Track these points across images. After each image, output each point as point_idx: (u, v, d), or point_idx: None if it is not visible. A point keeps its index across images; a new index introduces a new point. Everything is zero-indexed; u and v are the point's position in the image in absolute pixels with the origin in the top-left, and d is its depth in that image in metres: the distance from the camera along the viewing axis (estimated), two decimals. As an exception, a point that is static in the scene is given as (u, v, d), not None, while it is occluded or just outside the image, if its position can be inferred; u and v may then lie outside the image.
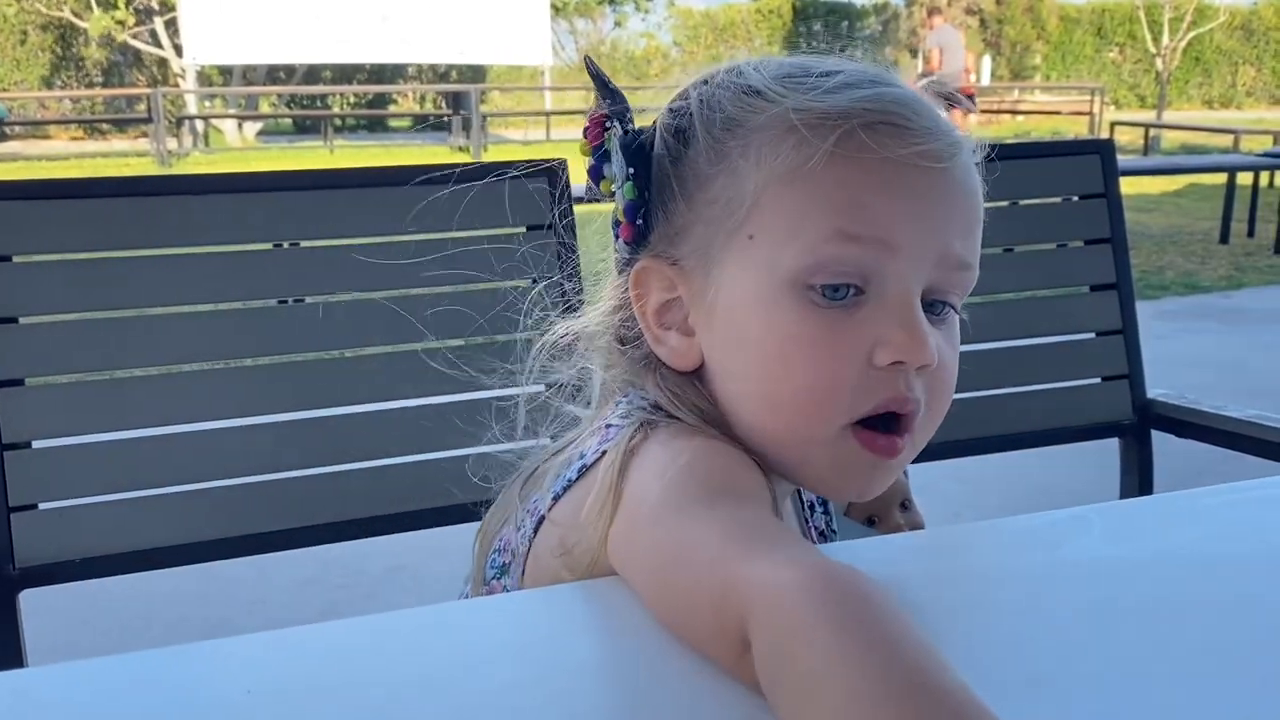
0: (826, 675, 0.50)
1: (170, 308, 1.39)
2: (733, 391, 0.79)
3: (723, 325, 0.78)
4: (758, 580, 0.57)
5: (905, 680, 0.49)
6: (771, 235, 0.75)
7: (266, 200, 1.43)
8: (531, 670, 0.63)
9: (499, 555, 0.86)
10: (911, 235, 0.74)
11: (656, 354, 0.82)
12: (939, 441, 1.74)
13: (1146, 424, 1.85)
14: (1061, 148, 1.97)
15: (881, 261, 0.74)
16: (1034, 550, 0.80)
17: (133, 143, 18.45)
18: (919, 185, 0.75)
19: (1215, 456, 1.76)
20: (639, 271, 0.82)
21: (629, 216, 0.80)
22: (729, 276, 0.77)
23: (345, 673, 0.63)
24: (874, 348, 0.73)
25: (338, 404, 1.44)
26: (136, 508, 1.36)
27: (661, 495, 0.69)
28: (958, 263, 0.77)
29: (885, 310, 0.74)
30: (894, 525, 1.52)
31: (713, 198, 0.78)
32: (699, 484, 0.69)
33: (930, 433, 0.79)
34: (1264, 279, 7.22)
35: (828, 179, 0.73)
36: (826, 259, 0.73)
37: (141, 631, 2.61)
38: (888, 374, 0.74)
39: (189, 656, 0.64)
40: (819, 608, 0.53)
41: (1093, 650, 0.65)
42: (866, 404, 0.74)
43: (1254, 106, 25.43)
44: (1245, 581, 0.74)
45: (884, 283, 0.74)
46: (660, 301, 0.81)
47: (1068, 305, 1.91)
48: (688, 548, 0.64)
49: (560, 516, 0.78)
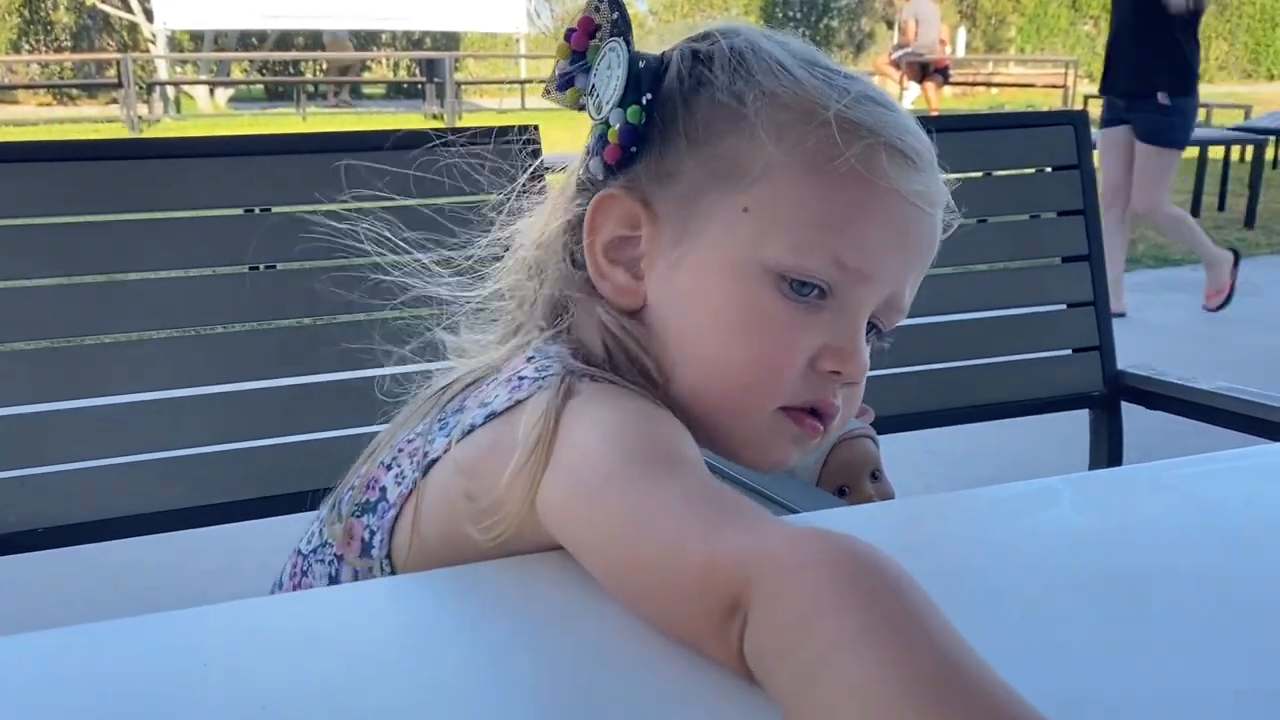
0: (844, 663, 0.48)
1: (139, 274, 1.38)
2: (677, 348, 0.78)
3: (687, 280, 0.77)
4: (757, 552, 0.55)
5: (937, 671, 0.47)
6: (768, 216, 0.75)
7: (238, 165, 1.42)
8: (496, 644, 0.63)
9: (362, 493, 0.81)
10: (886, 270, 0.77)
11: (598, 287, 0.80)
12: (909, 412, 1.77)
13: (1116, 396, 1.87)
14: (1034, 119, 1.97)
15: (854, 285, 0.76)
16: (1004, 520, 0.80)
17: (103, 109, 18.21)
18: (909, 224, 0.77)
19: (1184, 429, 1.77)
20: (605, 198, 0.79)
21: (624, 141, 0.77)
22: (709, 237, 0.76)
23: (303, 645, 0.62)
24: (819, 352, 0.76)
25: (310, 372, 1.43)
26: (103, 476, 1.35)
27: (611, 458, 0.67)
28: (899, 305, 0.81)
29: (840, 323, 0.77)
30: (864, 495, 1.52)
31: (720, 153, 0.76)
32: (648, 446, 0.67)
33: (835, 435, 0.84)
34: (1234, 252, 7.25)
35: (842, 191, 0.74)
36: (810, 269, 0.75)
37: (110, 603, 2.60)
38: (823, 378, 0.77)
39: (145, 628, 0.64)
40: (839, 585, 0.51)
41: (1063, 620, 0.65)
42: (799, 397, 0.77)
43: (1226, 81, 25.51)
44: (1215, 551, 0.75)
45: (846, 301, 0.77)
46: (614, 235, 0.80)
47: (1039, 276, 1.92)
48: (653, 516, 0.62)
49: (465, 462, 0.75)
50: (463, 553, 0.71)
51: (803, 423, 0.78)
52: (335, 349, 1.45)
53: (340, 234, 1.41)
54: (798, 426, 0.78)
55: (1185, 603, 0.67)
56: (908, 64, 14.44)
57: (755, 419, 0.78)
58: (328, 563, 0.82)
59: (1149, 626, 0.64)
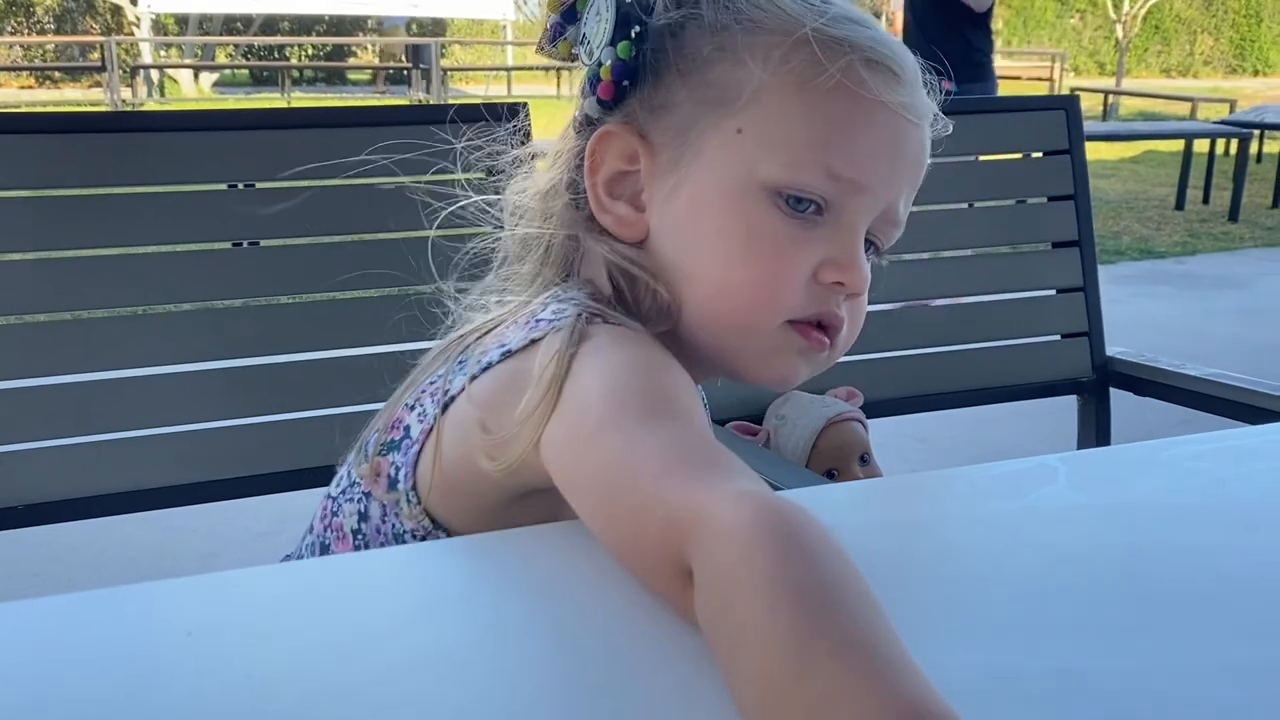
0: (759, 625, 0.49)
1: (121, 249, 1.36)
2: (682, 274, 0.80)
3: (687, 206, 0.79)
4: (702, 511, 0.56)
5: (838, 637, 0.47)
6: (761, 136, 0.77)
7: (222, 140, 1.40)
8: (484, 617, 0.62)
9: (386, 433, 0.85)
10: (879, 180, 0.79)
11: (601, 222, 0.83)
12: (898, 396, 1.77)
13: (1105, 382, 1.86)
14: (1027, 103, 1.96)
15: (848, 197, 0.78)
16: (1000, 498, 0.79)
17: (86, 92, 18.12)
18: (897, 134, 0.79)
19: (1168, 420, 1.77)
20: (602, 134, 0.81)
21: (617, 76, 0.79)
22: (705, 161, 0.78)
23: (288, 616, 0.61)
24: (820, 265, 0.78)
25: (294, 350, 1.42)
26: (84, 453, 1.34)
27: (607, 407, 0.69)
28: (895, 218, 0.82)
29: (838, 236, 0.78)
30: (853, 478, 1.52)
31: (710, 81, 0.78)
32: (645, 398, 0.69)
33: (840, 354, 0.84)
34: (1218, 245, 7.29)
35: (830, 105, 0.77)
36: (805, 184, 0.77)
37: (91, 582, 2.58)
38: (825, 291, 0.79)
39: (128, 598, 0.63)
40: (762, 552, 0.52)
41: (1059, 596, 0.64)
42: (805, 309, 0.79)
43: (1211, 75, 25.61)
44: (1211, 529, 0.74)
45: (842, 213, 0.78)
46: (615, 171, 0.82)
47: (1029, 262, 1.91)
48: (633, 467, 0.63)
49: (480, 396, 0.78)
50: (478, 484, 0.76)
51: (809, 335, 0.80)
52: (320, 327, 1.43)
53: (328, 211, 1.40)
54: (804, 340, 0.80)
55: (1182, 579, 0.67)
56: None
57: (763, 335, 0.79)
58: (356, 500, 0.85)
59: (1145, 602, 0.64)
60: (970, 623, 0.61)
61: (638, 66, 0.79)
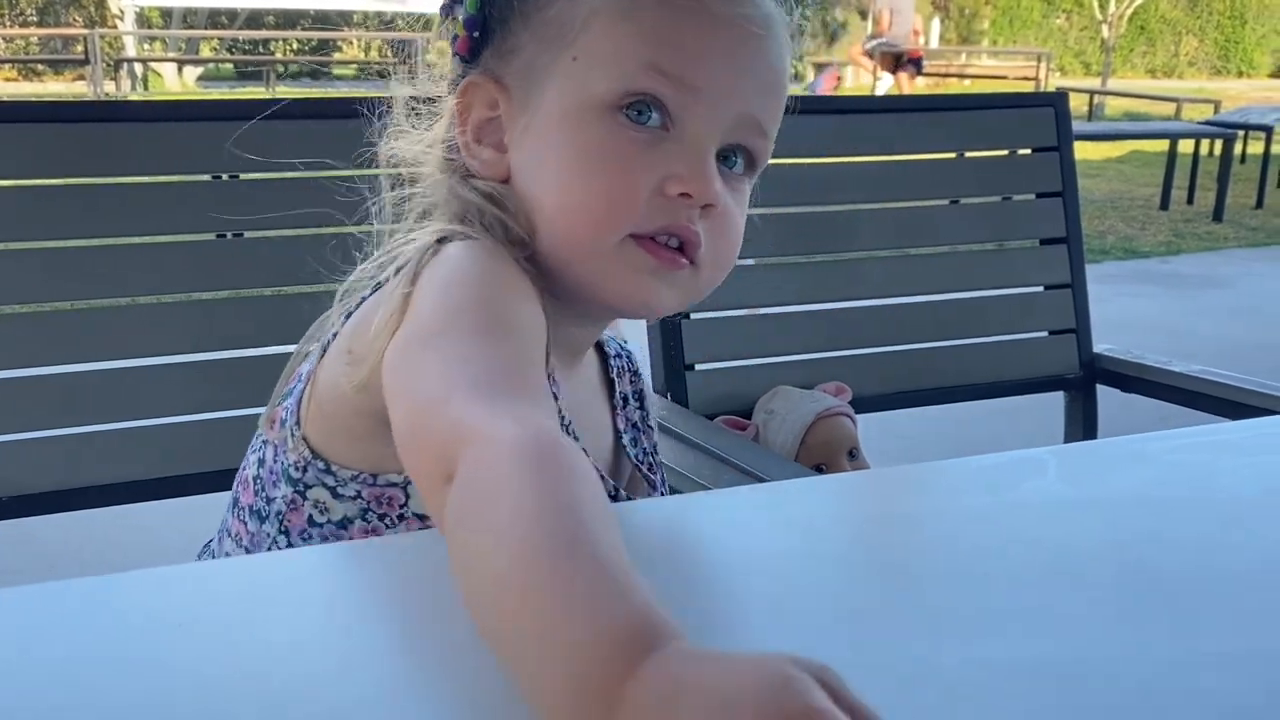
0: (501, 531, 0.51)
1: (103, 240, 1.35)
2: (533, 203, 0.83)
3: (534, 139, 0.83)
4: (484, 426, 0.59)
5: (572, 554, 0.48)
6: (593, 59, 0.80)
7: (206, 130, 1.39)
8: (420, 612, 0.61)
9: (284, 385, 0.90)
10: (717, 84, 0.80)
11: (469, 165, 0.86)
12: (885, 392, 1.76)
13: (1092, 378, 1.87)
14: (1015, 100, 1.97)
15: (686, 102, 0.80)
16: (990, 490, 0.79)
17: (69, 85, 18.02)
18: (733, 42, 0.81)
19: (1150, 420, 1.77)
20: (467, 85, 0.86)
21: (468, 29, 0.85)
22: (548, 95, 0.82)
23: (279, 604, 0.61)
24: (666, 179, 0.79)
25: (279, 341, 1.41)
26: (70, 444, 1.33)
27: (439, 320, 0.72)
28: (756, 127, 0.83)
29: (682, 149, 0.80)
30: (841, 472, 1.52)
31: (548, 19, 0.82)
32: (477, 312, 0.72)
33: (714, 278, 0.85)
34: (1202, 245, 7.32)
35: (653, 16, 0.80)
36: (636, 88, 0.79)
37: (75, 575, 2.56)
38: (675, 203, 0.80)
39: (119, 586, 0.62)
40: (521, 464, 0.54)
41: (1049, 587, 0.64)
42: (651, 223, 0.80)
43: (1195, 76, 25.69)
44: (1200, 522, 0.74)
45: (686, 125, 0.80)
46: (481, 118, 0.86)
47: (1016, 258, 1.92)
48: (444, 384, 0.66)
49: (348, 326, 0.83)
50: (346, 411, 0.80)
51: (659, 254, 0.80)
52: (303, 319, 1.42)
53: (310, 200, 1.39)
54: (653, 258, 0.80)
55: (1169, 571, 0.67)
56: (881, 54, 14.47)
57: (607, 253, 0.80)
58: (257, 450, 0.89)
59: (1133, 594, 0.64)
60: (959, 614, 0.61)
61: (486, 17, 0.84)
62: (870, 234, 1.79)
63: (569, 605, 0.46)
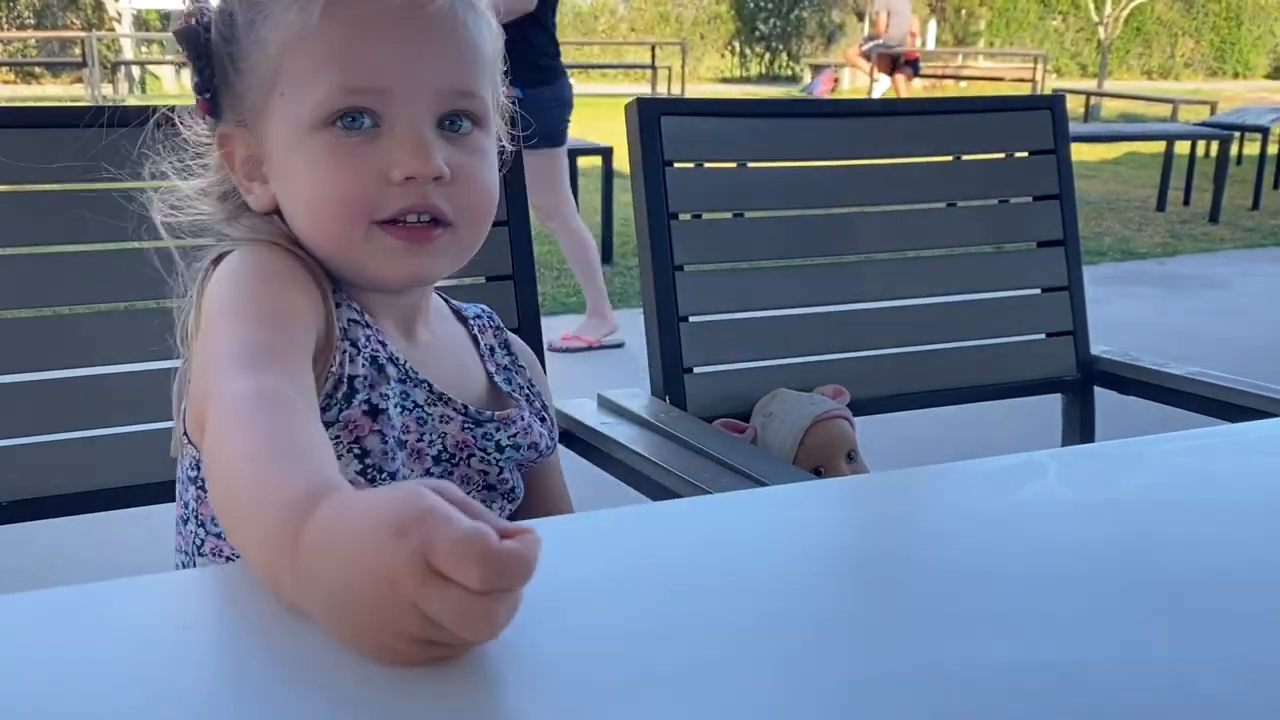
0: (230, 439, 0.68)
1: (93, 245, 1.33)
2: (293, 219, 0.93)
3: (278, 167, 0.93)
4: (219, 391, 0.74)
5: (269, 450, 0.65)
6: (295, 90, 0.89)
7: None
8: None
9: None
10: (404, 78, 0.88)
11: (248, 201, 0.96)
12: (882, 395, 1.76)
13: (1089, 380, 1.87)
14: (1013, 103, 1.97)
15: (384, 104, 0.88)
16: (990, 493, 0.79)
17: (67, 88, 18.00)
18: (406, 30, 0.88)
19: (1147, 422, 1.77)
20: (221, 136, 0.96)
21: (198, 93, 0.95)
22: (275, 128, 0.92)
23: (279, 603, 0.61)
24: (389, 167, 0.88)
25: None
26: (65, 449, 1.32)
27: (219, 314, 0.84)
28: (463, 93, 0.91)
29: (396, 140, 0.88)
30: (840, 475, 1.52)
31: (253, 66, 0.92)
32: (248, 302, 0.84)
33: (476, 230, 0.95)
34: (1198, 246, 7.32)
35: (327, 37, 0.88)
36: (335, 109, 0.88)
37: (73, 580, 2.56)
38: (406, 188, 0.89)
39: (121, 591, 0.62)
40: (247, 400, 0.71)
41: (1049, 590, 0.64)
42: (390, 208, 0.89)
43: (1191, 78, 25.70)
44: (1200, 524, 0.74)
45: (393, 119, 0.89)
46: (243, 158, 0.96)
47: (1014, 260, 1.92)
48: (214, 361, 0.79)
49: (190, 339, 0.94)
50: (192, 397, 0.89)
51: (406, 234, 0.90)
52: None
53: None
54: (396, 239, 0.90)
55: (1170, 572, 0.67)
56: (878, 56, 14.49)
57: (358, 244, 0.90)
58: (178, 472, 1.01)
59: (1134, 596, 0.64)
60: (960, 617, 0.61)
61: (209, 78, 0.94)
62: (868, 237, 1.80)
63: (266, 485, 0.62)
